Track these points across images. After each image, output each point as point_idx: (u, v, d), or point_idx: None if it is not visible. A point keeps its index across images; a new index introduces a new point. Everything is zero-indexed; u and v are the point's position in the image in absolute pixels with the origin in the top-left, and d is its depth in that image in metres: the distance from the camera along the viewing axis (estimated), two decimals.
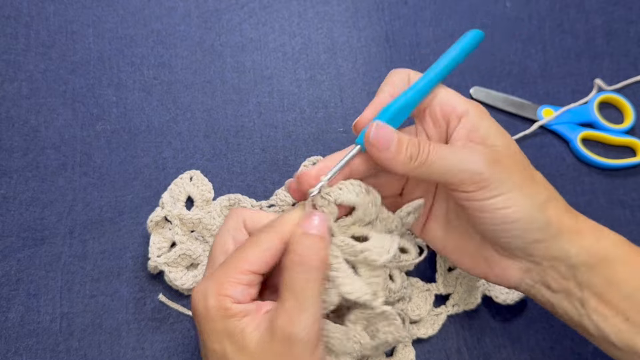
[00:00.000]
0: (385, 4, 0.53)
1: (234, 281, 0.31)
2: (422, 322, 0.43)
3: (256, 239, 0.32)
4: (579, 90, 0.51)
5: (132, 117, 0.48)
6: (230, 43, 0.51)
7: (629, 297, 0.33)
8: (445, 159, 0.33)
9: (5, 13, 0.49)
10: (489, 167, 0.33)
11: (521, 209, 0.33)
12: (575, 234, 0.34)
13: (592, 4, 0.54)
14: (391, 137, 0.33)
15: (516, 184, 0.33)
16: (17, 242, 0.43)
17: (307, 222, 0.32)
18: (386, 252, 0.33)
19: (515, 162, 0.34)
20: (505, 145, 0.35)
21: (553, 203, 0.34)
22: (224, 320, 0.30)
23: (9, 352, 0.41)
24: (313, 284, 0.31)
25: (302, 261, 0.31)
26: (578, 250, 0.33)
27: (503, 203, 0.33)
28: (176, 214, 0.42)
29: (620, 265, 0.33)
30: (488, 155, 0.33)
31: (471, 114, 0.35)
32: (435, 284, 0.44)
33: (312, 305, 0.31)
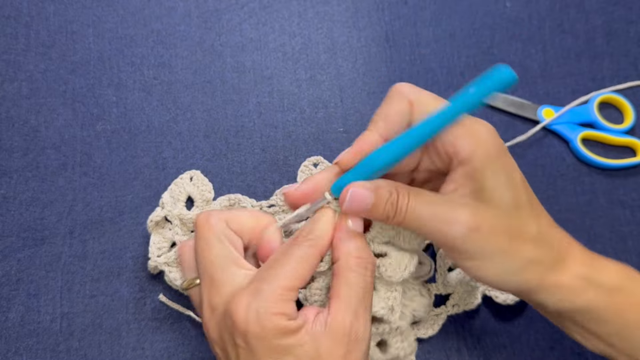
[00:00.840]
0: (385, 4, 0.53)
1: (286, 299, 0.30)
2: (422, 322, 0.43)
3: (298, 253, 0.32)
4: (579, 90, 0.51)
5: (132, 117, 0.48)
6: (230, 43, 0.51)
7: (614, 334, 0.33)
8: (420, 223, 0.31)
9: (5, 13, 0.49)
10: (464, 237, 0.31)
11: (493, 275, 0.32)
12: (555, 290, 0.32)
13: (592, 4, 0.54)
14: (365, 202, 0.31)
15: (493, 252, 0.31)
16: (17, 242, 0.43)
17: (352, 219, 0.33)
18: (403, 269, 0.33)
19: (502, 226, 0.31)
20: (500, 204, 0.31)
21: (534, 266, 0.32)
22: (282, 338, 0.30)
23: (9, 352, 0.41)
24: (371, 284, 0.32)
25: (365, 265, 0.32)
26: (557, 301, 0.33)
27: (474, 269, 0.32)
28: (176, 213, 0.42)
29: (603, 312, 0.33)
30: (469, 222, 0.30)
31: (475, 161, 0.31)
32: (435, 284, 0.44)
33: (371, 305, 0.32)
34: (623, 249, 0.46)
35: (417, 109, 0.32)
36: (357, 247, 0.32)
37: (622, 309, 0.33)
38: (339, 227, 0.33)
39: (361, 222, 0.33)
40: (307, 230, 0.33)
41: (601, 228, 0.47)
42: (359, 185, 0.31)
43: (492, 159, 0.31)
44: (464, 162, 0.31)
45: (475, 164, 0.31)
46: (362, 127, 0.48)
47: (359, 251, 0.32)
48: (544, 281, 0.32)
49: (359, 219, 0.33)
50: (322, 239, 0.32)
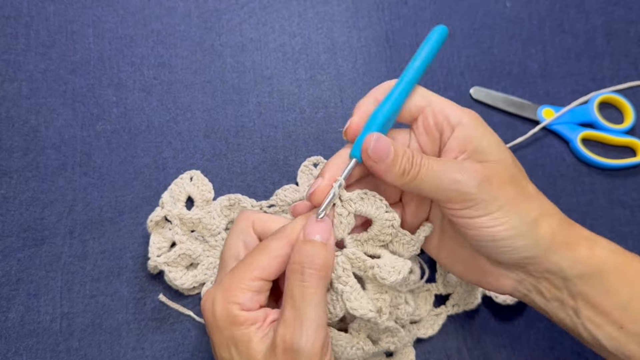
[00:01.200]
0: (385, 4, 0.53)
1: (243, 287, 0.31)
2: (422, 322, 0.43)
3: (266, 245, 0.32)
4: (579, 90, 0.51)
5: (132, 117, 0.48)
6: (230, 43, 0.51)
7: (622, 307, 0.33)
8: (435, 176, 0.33)
9: (5, 13, 0.49)
10: (478, 186, 0.32)
11: (509, 228, 0.32)
12: (568, 247, 0.33)
13: (592, 4, 0.54)
14: (388, 150, 0.33)
15: (506, 202, 0.33)
16: (17, 242, 0.43)
17: (310, 228, 0.32)
18: (397, 272, 0.33)
19: (507, 178, 0.33)
20: (498, 159, 0.34)
21: (545, 218, 0.34)
22: (231, 328, 0.30)
23: (9, 352, 0.41)
24: (313, 293, 0.30)
25: (301, 270, 0.31)
26: (571, 263, 0.33)
27: (490, 222, 0.33)
28: (176, 213, 0.42)
29: (614, 276, 0.33)
30: (478, 173, 0.33)
31: (465, 124, 0.34)
32: (435, 284, 0.44)
33: (313, 315, 0.30)
34: None
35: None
36: (300, 254, 0.31)
37: (630, 271, 0.33)
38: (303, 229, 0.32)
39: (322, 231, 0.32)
40: (282, 227, 0.33)
41: (601, 228, 0.47)
42: (383, 137, 0.33)
43: (479, 123, 0.34)
44: (455, 125, 0.34)
45: (466, 126, 0.34)
46: None
47: (299, 257, 0.31)
48: (556, 238, 0.33)
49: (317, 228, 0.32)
50: (292, 232, 0.32)
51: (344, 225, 0.33)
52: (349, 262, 0.33)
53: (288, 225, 0.33)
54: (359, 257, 0.33)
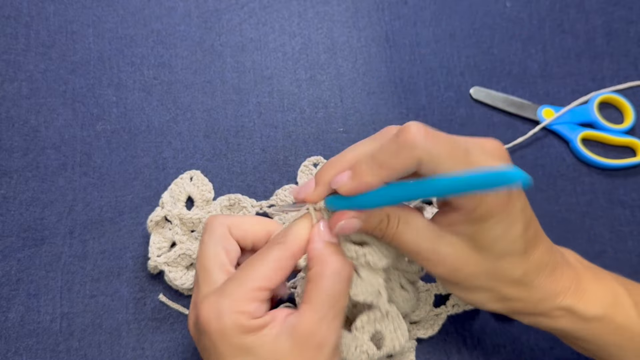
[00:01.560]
0: (385, 4, 0.53)
1: (251, 298, 0.31)
2: (422, 322, 0.43)
3: (269, 255, 0.32)
4: (579, 90, 0.51)
5: (132, 117, 0.48)
6: (230, 43, 0.51)
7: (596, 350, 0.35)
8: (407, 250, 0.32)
9: (5, 13, 0.49)
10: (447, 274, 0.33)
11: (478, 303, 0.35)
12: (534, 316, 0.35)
13: (592, 4, 0.54)
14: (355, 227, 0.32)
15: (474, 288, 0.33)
16: (17, 242, 0.43)
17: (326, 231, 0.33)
18: (386, 255, 0.34)
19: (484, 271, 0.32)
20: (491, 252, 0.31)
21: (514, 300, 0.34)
22: (242, 337, 0.30)
23: (9, 352, 0.41)
24: (346, 292, 0.32)
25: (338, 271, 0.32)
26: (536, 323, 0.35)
27: (460, 296, 0.35)
28: (176, 213, 0.42)
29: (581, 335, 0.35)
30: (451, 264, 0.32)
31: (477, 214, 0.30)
32: (435, 284, 0.44)
33: (343, 313, 0.32)
34: (623, 249, 0.46)
35: (426, 167, 0.29)
36: (332, 255, 0.32)
37: (600, 334, 0.34)
38: (314, 235, 0.33)
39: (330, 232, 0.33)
40: (282, 234, 0.33)
41: (601, 228, 0.47)
42: (350, 216, 0.32)
43: (495, 212, 0.30)
44: (483, 218, 0.30)
45: (476, 216, 0.30)
46: (362, 127, 0.49)
47: (332, 259, 0.32)
48: (528, 310, 0.34)
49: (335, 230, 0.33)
50: (294, 243, 0.32)
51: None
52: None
53: (286, 234, 0.33)
54: (349, 248, 0.33)
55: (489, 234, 0.31)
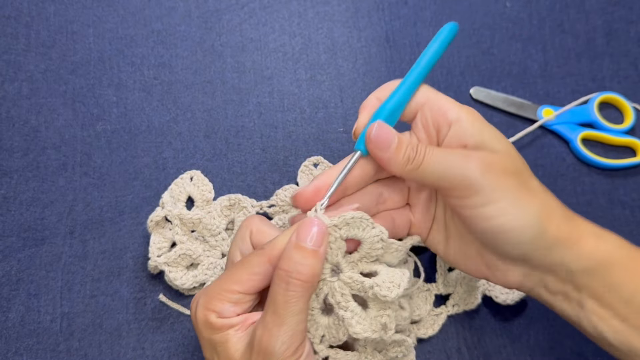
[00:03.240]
0: (385, 4, 0.53)
1: (222, 298, 0.32)
2: (422, 322, 0.43)
3: (247, 260, 0.33)
4: (579, 90, 0.51)
5: (132, 117, 0.48)
6: (230, 43, 0.51)
7: (627, 301, 0.33)
8: (439, 164, 0.33)
9: (6, 13, 0.49)
10: (481, 174, 0.32)
11: (514, 218, 0.32)
12: (573, 240, 0.33)
13: (592, 4, 0.54)
14: (392, 136, 0.33)
15: (509, 192, 0.32)
16: (18, 242, 0.43)
17: (303, 232, 0.31)
18: (396, 287, 0.32)
19: (510, 169, 0.33)
20: (501, 150, 0.34)
21: (549, 211, 0.33)
22: (208, 332, 0.32)
23: (9, 352, 0.41)
24: (297, 300, 0.30)
25: (287, 278, 0.30)
26: (575, 257, 0.33)
27: (495, 212, 0.32)
28: (176, 213, 0.42)
29: (619, 270, 0.33)
30: (481, 160, 0.33)
31: (462, 121, 0.34)
32: (435, 284, 0.44)
33: (292, 320, 0.30)
34: None
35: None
36: (287, 261, 0.31)
37: (636, 268, 0.33)
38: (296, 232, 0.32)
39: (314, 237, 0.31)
40: (267, 242, 0.33)
41: None
42: (385, 124, 0.34)
43: (476, 118, 0.34)
44: (453, 121, 0.34)
45: (464, 122, 0.34)
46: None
47: (286, 264, 0.31)
48: (561, 231, 0.33)
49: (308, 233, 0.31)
50: (272, 249, 0.32)
51: (334, 250, 0.33)
52: (347, 287, 0.33)
53: (270, 242, 0.33)
54: (356, 280, 0.32)
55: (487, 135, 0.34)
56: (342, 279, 0.33)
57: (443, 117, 0.35)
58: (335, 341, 0.33)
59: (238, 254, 0.35)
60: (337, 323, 0.33)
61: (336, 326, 0.33)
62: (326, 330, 0.33)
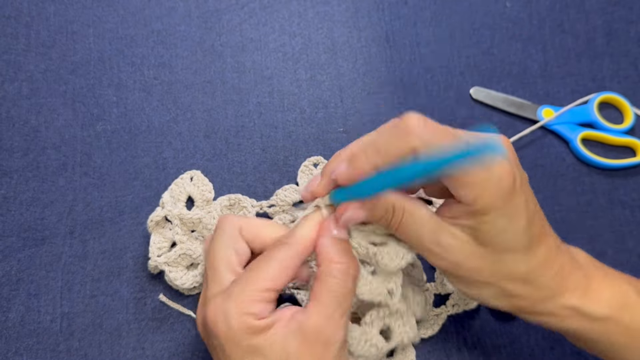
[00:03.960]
0: (385, 4, 0.53)
1: (257, 299, 0.31)
2: (422, 322, 0.43)
3: (274, 255, 0.32)
4: (579, 90, 0.51)
5: (132, 117, 0.48)
6: (230, 43, 0.51)
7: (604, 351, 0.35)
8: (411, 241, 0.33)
9: (6, 13, 0.49)
10: (450, 268, 0.32)
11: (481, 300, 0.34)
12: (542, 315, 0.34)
13: (592, 4, 0.54)
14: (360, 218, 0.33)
15: (478, 283, 0.33)
16: (18, 242, 0.43)
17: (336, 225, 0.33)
18: (400, 258, 0.33)
19: (488, 266, 0.32)
20: (495, 247, 0.31)
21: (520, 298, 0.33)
22: (250, 338, 0.30)
23: (9, 352, 0.41)
24: (353, 290, 0.32)
25: (347, 270, 0.32)
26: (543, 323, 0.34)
27: (464, 291, 0.34)
28: (176, 213, 0.42)
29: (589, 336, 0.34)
30: (454, 258, 0.32)
31: (478, 207, 0.30)
32: (434, 284, 0.44)
33: (349, 310, 0.32)
34: (623, 249, 0.46)
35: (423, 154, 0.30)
36: (339, 253, 0.32)
37: (608, 335, 0.34)
38: (323, 233, 0.33)
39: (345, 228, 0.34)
40: (288, 234, 0.33)
41: (601, 228, 0.47)
42: (354, 207, 0.33)
43: (495, 207, 0.30)
44: (478, 212, 0.30)
45: (477, 210, 0.30)
46: (362, 127, 0.49)
47: (340, 257, 0.32)
48: (533, 308, 0.34)
49: (345, 222, 0.33)
50: (299, 242, 0.32)
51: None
52: (354, 251, 0.34)
53: (295, 234, 0.33)
54: (363, 246, 0.34)
55: (491, 227, 0.30)
56: (351, 243, 0.34)
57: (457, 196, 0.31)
58: None
59: (233, 254, 0.34)
60: None
61: None
62: None
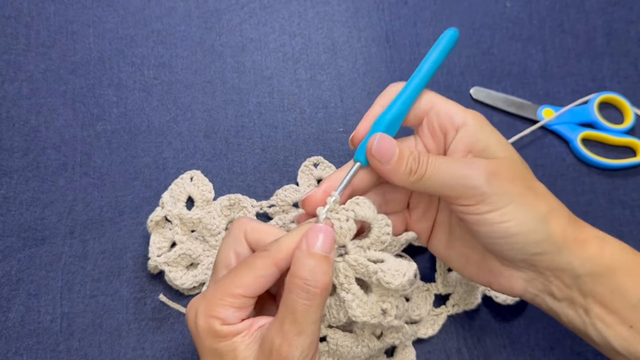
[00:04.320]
0: (385, 4, 0.53)
1: (225, 304, 0.31)
2: (423, 322, 0.43)
3: (251, 263, 0.32)
4: (579, 90, 0.51)
5: (132, 117, 0.48)
6: (230, 43, 0.51)
7: (633, 306, 0.33)
8: (443, 173, 0.33)
9: (6, 13, 0.49)
10: (486, 181, 0.32)
11: (520, 223, 0.32)
12: (578, 244, 0.33)
13: (592, 4, 0.54)
14: (393, 149, 0.33)
15: (515, 197, 0.32)
16: (18, 242, 0.43)
17: (312, 239, 0.31)
18: (401, 275, 0.32)
19: (515, 174, 0.34)
20: (505, 156, 0.34)
21: (555, 214, 0.33)
22: (213, 341, 0.30)
23: (10, 352, 0.41)
24: (316, 308, 0.30)
25: (305, 287, 0.30)
26: (582, 261, 0.33)
27: (501, 217, 0.32)
28: (176, 213, 0.42)
29: (624, 275, 0.33)
30: (486, 168, 0.33)
31: (469, 125, 0.34)
32: (435, 284, 0.44)
33: (310, 329, 0.30)
34: None
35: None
36: (306, 269, 0.30)
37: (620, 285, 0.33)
38: (297, 246, 0.31)
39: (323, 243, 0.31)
40: (272, 242, 0.32)
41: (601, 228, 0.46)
42: (386, 136, 0.34)
43: (483, 123, 0.35)
44: (460, 126, 0.34)
45: (470, 127, 0.34)
46: None
47: (304, 273, 0.30)
48: (567, 235, 0.33)
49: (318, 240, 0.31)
50: (278, 252, 0.31)
51: (344, 230, 0.33)
52: (351, 268, 0.33)
53: (275, 243, 0.32)
54: (362, 263, 0.32)
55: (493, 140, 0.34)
56: (348, 260, 0.33)
57: (450, 122, 0.35)
58: (335, 322, 0.33)
59: (232, 255, 0.34)
60: (338, 304, 0.33)
61: (337, 307, 0.33)
62: (327, 309, 0.33)
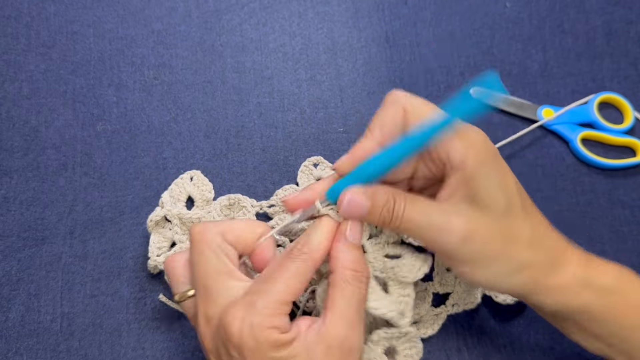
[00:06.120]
0: (385, 4, 0.53)
1: (280, 312, 0.31)
2: (422, 322, 0.43)
3: (291, 267, 0.32)
4: (579, 90, 0.51)
5: (132, 117, 0.48)
6: (230, 43, 0.51)
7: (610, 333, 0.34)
8: (418, 223, 0.32)
9: (6, 13, 0.49)
10: (460, 245, 0.31)
11: (488, 281, 0.33)
12: (550, 290, 0.33)
13: (592, 4, 0.54)
14: (363, 206, 0.32)
15: (487, 259, 0.32)
16: (18, 242, 0.43)
17: (355, 232, 0.33)
18: (417, 269, 0.33)
19: (497, 229, 0.32)
20: (493, 204, 0.32)
21: (528, 267, 0.33)
22: (275, 351, 0.30)
23: (10, 352, 0.41)
24: (365, 295, 0.32)
25: (359, 276, 0.32)
26: (553, 303, 0.33)
27: (470, 275, 0.33)
28: (176, 213, 0.42)
29: (600, 314, 0.33)
30: (464, 229, 0.31)
31: (467, 167, 0.32)
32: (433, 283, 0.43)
33: (363, 315, 0.32)
34: (623, 249, 0.46)
35: (411, 116, 0.33)
36: (353, 260, 0.32)
37: (618, 311, 0.33)
38: (336, 238, 0.33)
39: (359, 233, 0.33)
40: (303, 242, 0.33)
41: (601, 228, 0.47)
42: (356, 191, 0.32)
43: (484, 164, 0.32)
44: (457, 167, 0.32)
45: (468, 169, 0.32)
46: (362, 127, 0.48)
47: (354, 264, 0.32)
48: (539, 283, 0.33)
49: (357, 231, 0.33)
50: (317, 252, 0.32)
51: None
52: (370, 265, 0.34)
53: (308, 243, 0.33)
54: (379, 259, 0.33)
55: (485, 188, 0.32)
56: (367, 258, 0.34)
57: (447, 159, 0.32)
58: None
59: (228, 262, 0.33)
60: None
61: None
62: None
